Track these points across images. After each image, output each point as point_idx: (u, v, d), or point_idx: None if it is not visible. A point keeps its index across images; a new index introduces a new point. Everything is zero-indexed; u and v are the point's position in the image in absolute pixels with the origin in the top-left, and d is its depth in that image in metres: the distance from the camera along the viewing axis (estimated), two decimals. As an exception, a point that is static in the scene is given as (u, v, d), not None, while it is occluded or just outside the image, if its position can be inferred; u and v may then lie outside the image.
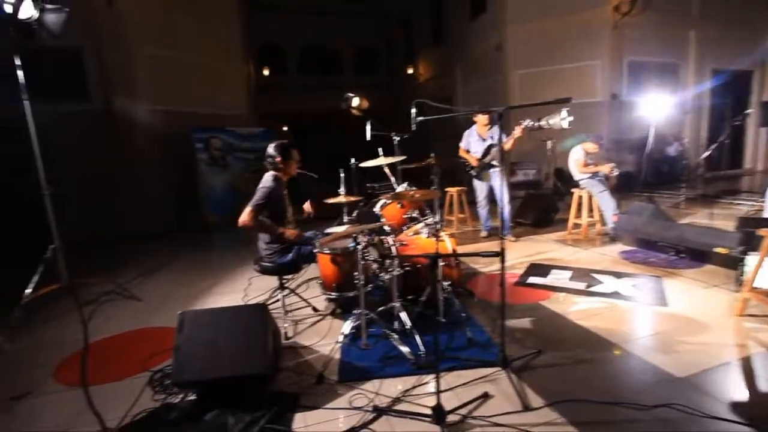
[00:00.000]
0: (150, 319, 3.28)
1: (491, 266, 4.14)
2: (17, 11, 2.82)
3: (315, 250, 2.74)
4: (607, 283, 3.47)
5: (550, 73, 9.93)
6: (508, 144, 4.71)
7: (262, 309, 2.10)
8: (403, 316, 2.53)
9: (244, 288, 3.80)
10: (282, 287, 2.91)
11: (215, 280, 4.18)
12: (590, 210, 5.14)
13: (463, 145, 5.18)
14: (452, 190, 5.95)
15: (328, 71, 16.32)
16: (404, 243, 2.93)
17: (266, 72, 14.66)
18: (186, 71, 7.37)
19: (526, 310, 3.06)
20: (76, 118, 6.26)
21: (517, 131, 4.45)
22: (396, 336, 2.41)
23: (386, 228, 2.80)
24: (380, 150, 3.31)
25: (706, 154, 6.85)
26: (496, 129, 4.84)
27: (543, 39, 9.87)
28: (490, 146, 4.96)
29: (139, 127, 6.73)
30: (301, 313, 3.14)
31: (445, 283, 2.75)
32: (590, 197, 5.10)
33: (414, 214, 3.28)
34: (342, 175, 3.46)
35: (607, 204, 4.88)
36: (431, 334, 2.49)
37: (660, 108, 5.97)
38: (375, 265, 2.78)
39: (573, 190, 5.27)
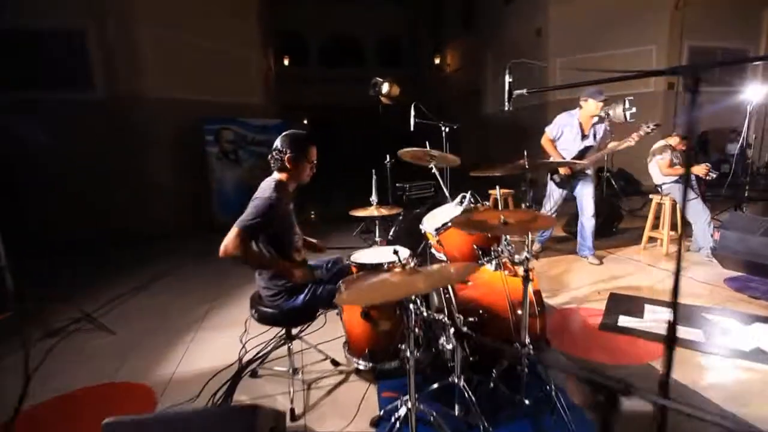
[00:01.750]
0: (118, 366, 2.51)
1: (558, 296, 3.23)
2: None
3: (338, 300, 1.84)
4: (737, 333, 2.52)
5: (596, 60, 8.86)
6: (621, 146, 3.68)
7: (250, 417, 1.26)
8: (467, 395, 1.68)
9: (246, 320, 3.00)
10: (290, 338, 2.08)
11: (212, 305, 3.40)
12: (670, 222, 4.15)
13: (551, 132, 3.91)
14: (495, 192, 5.01)
15: (349, 63, 15.44)
16: (466, 281, 2.07)
17: (286, 62, 13.88)
18: (197, 56, 6.60)
19: (632, 377, 2.15)
20: (76, 106, 5.61)
21: (634, 138, 3.51)
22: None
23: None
24: (426, 143, 2.43)
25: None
26: (602, 127, 3.77)
27: (590, 22, 8.79)
28: (588, 148, 3.80)
29: (144, 117, 6.03)
30: (316, 370, 2.32)
31: (526, 341, 1.87)
32: (673, 206, 4.11)
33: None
34: (374, 178, 2.63)
35: (698, 215, 3.88)
36: (509, 427, 1.63)
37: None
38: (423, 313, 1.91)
39: (651, 195, 4.29)
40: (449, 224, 1.84)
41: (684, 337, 2.48)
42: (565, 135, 3.86)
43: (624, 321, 2.73)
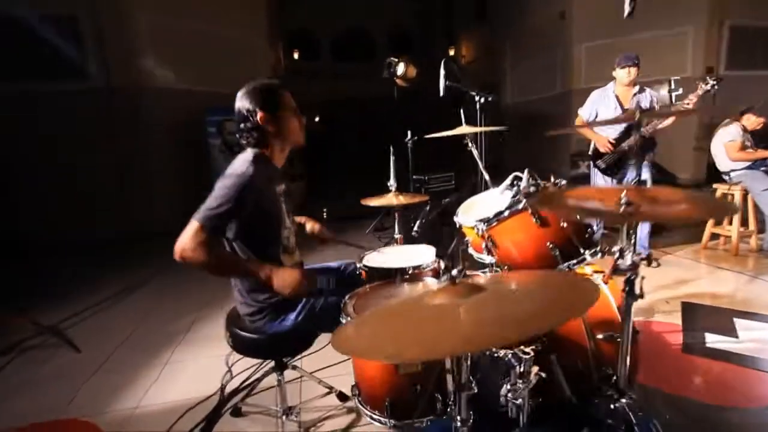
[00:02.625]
0: (72, 394, 2.01)
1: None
2: None
3: (344, 321, 1.21)
4: None
5: (626, 44, 8.17)
6: (678, 110, 2.90)
7: None
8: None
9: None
10: (281, 367, 1.54)
11: (199, 315, 2.89)
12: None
13: (584, 113, 3.33)
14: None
15: (360, 57, 14.89)
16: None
17: (296, 55, 13.42)
18: (200, 44, 6.10)
19: (752, 425, 1.56)
20: (68, 97, 5.17)
21: (692, 100, 2.77)
22: None
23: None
24: (462, 114, 1.86)
25: None
26: (647, 95, 3.12)
27: (618, 3, 8.10)
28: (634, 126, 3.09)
29: (143, 108, 5.57)
30: (317, 406, 1.77)
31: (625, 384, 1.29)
32: (744, 196, 3.46)
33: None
34: (392, 158, 2.09)
35: (777, 208, 3.24)
36: None
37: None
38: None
39: (715, 185, 3.65)
40: (513, 210, 1.22)
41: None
42: (602, 113, 3.24)
43: (714, 340, 2.12)
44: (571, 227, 1.20)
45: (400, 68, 4.59)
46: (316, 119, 14.19)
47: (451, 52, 14.17)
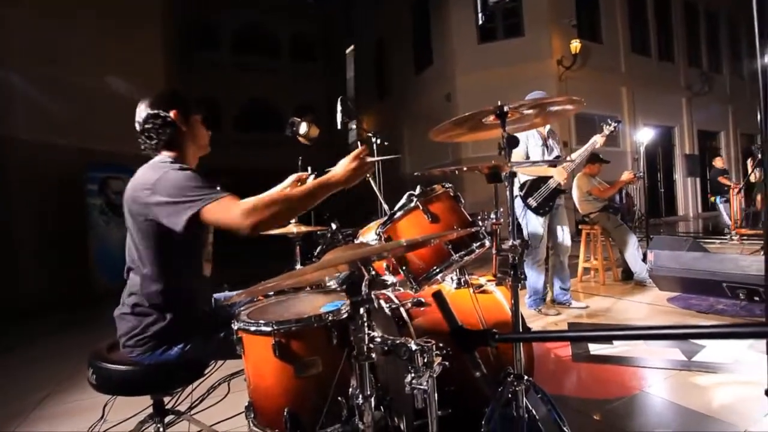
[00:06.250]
0: None
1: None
2: None
3: (236, 327, 1.10)
4: (712, 348, 2.27)
5: (501, 123, 9.70)
6: (586, 149, 3.12)
7: None
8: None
9: (107, 402, 2.01)
10: (162, 413, 1.29)
11: (56, 389, 2.34)
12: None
13: (520, 152, 3.07)
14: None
15: (265, 127, 15.16)
16: (423, 302, 1.52)
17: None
18: (89, 99, 5.61)
19: (631, 410, 1.72)
20: None
21: (601, 140, 3.05)
22: None
23: (388, 273, 1.37)
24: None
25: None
26: (553, 139, 3.17)
27: (492, 88, 9.72)
28: (558, 158, 3.14)
29: (10, 163, 4.80)
30: (208, 463, 1.50)
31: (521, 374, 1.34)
32: (601, 233, 4.10)
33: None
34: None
35: (629, 241, 3.88)
36: None
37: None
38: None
39: (580, 226, 4.29)
40: (406, 209, 1.24)
41: (669, 357, 2.17)
42: (531, 150, 3.12)
43: (595, 349, 2.36)
44: (460, 223, 1.30)
45: (303, 127, 4.74)
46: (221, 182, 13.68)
47: (354, 126, 15.25)
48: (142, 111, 1.31)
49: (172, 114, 1.29)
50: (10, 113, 4.88)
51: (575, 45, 9.16)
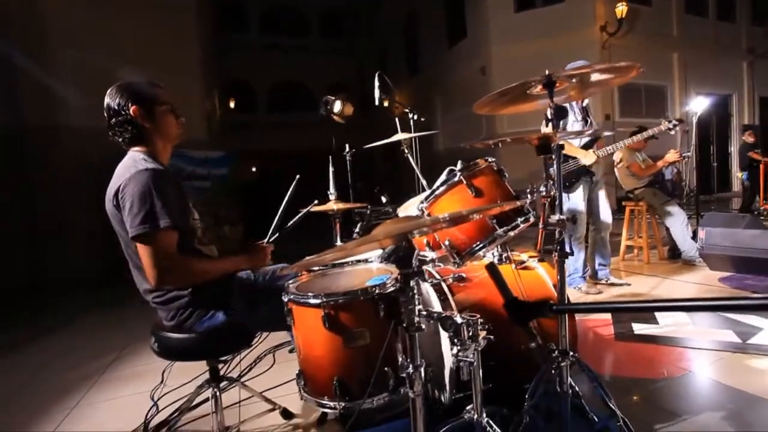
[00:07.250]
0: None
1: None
2: None
3: (287, 299, 1.15)
4: (768, 329, 2.15)
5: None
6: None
7: None
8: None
9: (166, 368, 2.18)
10: (217, 379, 1.39)
11: (122, 353, 2.56)
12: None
13: (548, 127, 2.82)
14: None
15: (298, 108, 15.26)
16: (465, 278, 1.52)
17: (232, 104, 13.38)
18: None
19: (678, 390, 1.68)
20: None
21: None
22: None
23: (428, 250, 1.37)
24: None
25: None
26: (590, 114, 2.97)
27: (529, 59, 9.28)
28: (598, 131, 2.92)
29: (61, 149, 5.14)
30: (257, 427, 1.60)
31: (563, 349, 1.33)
32: (647, 210, 3.90)
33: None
34: (331, 169, 2.14)
35: (677, 218, 3.68)
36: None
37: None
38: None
39: (624, 203, 4.10)
40: (450, 184, 1.23)
41: (721, 339, 2.08)
42: (569, 122, 2.90)
43: (639, 329, 2.29)
44: (504, 197, 1.28)
45: (337, 106, 4.74)
46: (253, 169, 14.01)
47: (386, 104, 15.04)
48: (106, 97, 1.30)
49: (131, 111, 1.27)
50: (65, 103, 5.18)
51: (621, 9, 8.52)
